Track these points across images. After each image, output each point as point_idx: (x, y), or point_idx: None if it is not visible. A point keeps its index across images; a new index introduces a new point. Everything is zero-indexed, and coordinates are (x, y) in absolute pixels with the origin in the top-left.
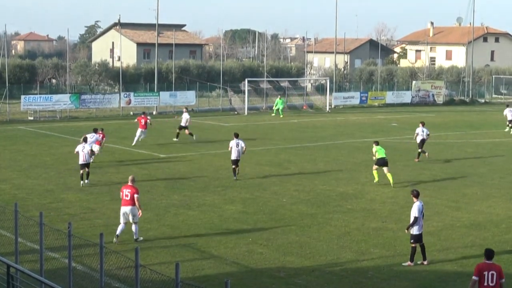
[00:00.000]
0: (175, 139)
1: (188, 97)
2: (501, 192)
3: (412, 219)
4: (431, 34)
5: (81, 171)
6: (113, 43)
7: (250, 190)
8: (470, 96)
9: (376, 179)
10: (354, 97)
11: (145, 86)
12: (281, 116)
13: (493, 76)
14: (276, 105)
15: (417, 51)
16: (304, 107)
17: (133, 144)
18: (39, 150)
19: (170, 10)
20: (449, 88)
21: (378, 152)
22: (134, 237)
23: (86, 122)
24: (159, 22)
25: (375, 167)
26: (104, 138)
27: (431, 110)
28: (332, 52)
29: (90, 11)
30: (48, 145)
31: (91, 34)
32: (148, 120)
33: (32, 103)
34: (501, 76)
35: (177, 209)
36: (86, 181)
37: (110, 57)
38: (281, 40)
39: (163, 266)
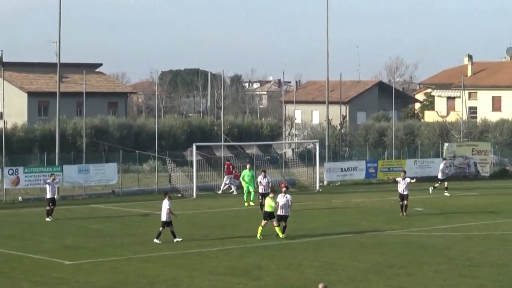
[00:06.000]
0: None
1: (107, 172)
2: None
3: None
4: (469, 73)
5: (160, 229)
6: None
7: None
8: None
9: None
10: (357, 169)
11: (40, 157)
12: (251, 201)
13: None
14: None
15: (449, 98)
16: (283, 185)
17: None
18: None
19: (78, 44)
20: (499, 153)
21: (268, 203)
22: None
23: None
24: (63, 61)
25: (263, 222)
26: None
27: (473, 187)
28: (323, 102)
29: None
30: None
31: None
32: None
33: None
34: None
35: None
36: (176, 239)
37: None
38: (246, 84)
39: None
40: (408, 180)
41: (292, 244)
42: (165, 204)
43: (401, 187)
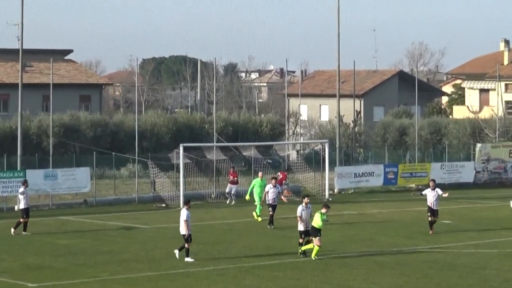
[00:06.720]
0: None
1: (78, 178)
2: None
3: None
4: (505, 62)
5: (186, 245)
6: None
7: None
8: None
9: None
10: (373, 174)
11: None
12: (257, 216)
13: None
14: (253, 187)
15: (482, 91)
16: (286, 193)
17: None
18: None
19: (45, 27)
20: None
21: (316, 219)
22: None
23: None
24: (26, 47)
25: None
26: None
27: (510, 195)
28: (334, 95)
29: None
30: None
31: None
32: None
33: None
34: None
35: None
36: (186, 259)
37: None
38: (243, 75)
39: None
40: (439, 191)
41: (296, 263)
42: (182, 214)
43: (430, 200)
